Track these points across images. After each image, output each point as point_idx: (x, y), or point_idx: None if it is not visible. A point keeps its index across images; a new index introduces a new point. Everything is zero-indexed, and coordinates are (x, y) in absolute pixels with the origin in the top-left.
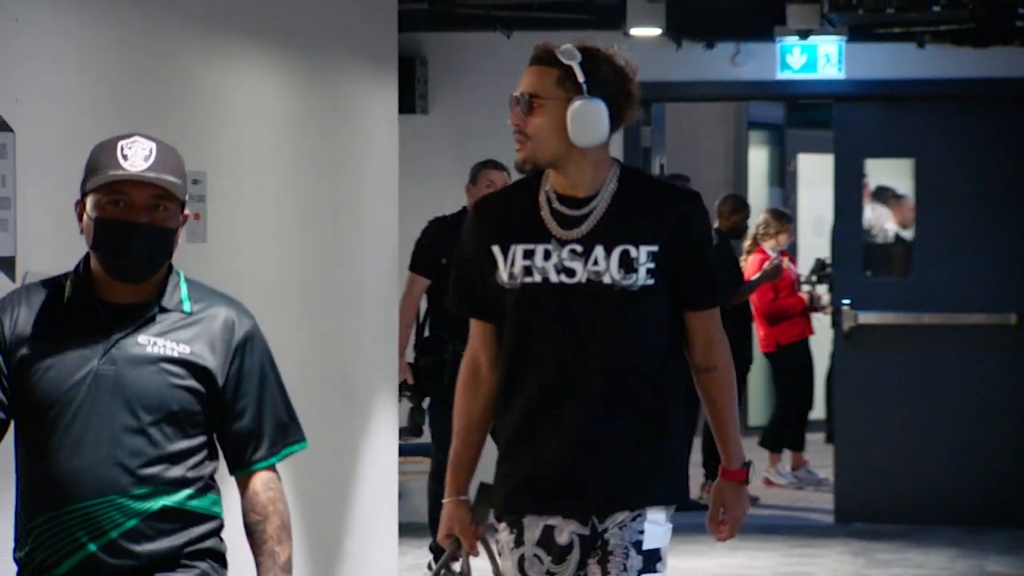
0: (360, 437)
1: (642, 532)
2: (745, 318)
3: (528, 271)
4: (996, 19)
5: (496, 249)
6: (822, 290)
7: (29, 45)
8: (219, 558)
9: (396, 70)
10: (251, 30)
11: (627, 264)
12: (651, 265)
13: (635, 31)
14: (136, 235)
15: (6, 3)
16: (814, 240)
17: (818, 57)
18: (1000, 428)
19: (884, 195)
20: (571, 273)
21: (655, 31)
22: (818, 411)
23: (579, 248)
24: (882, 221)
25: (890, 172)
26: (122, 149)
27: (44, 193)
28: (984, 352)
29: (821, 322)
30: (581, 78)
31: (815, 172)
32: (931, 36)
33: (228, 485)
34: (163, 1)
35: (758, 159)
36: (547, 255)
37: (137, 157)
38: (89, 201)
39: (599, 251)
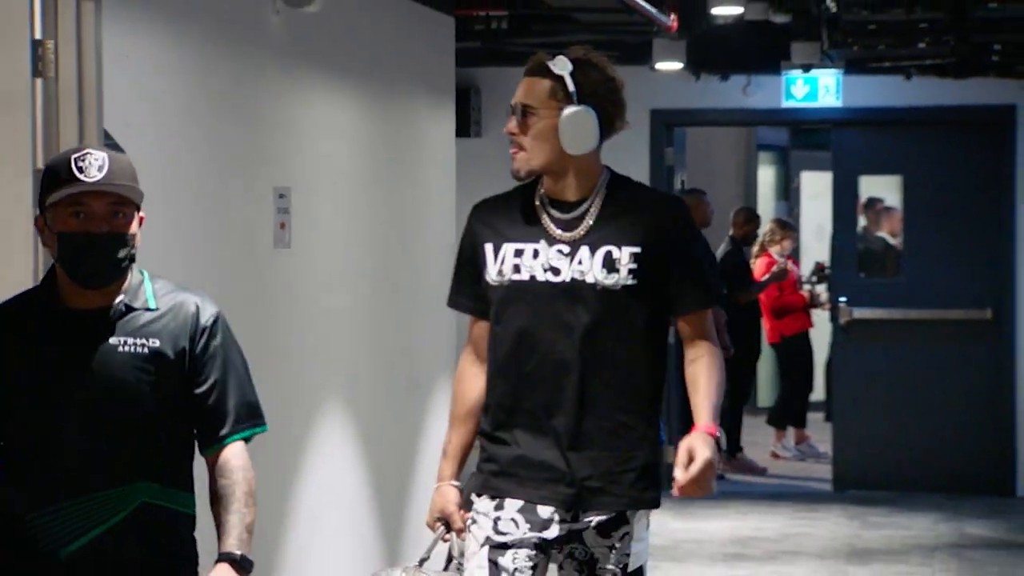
0: (422, 415)
1: (628, 555)
2: (755, 314)
3: (517, 269)
4: (974, 54)
5: (488, 247)
6: (821, 289)
7: (137, 77)
8: (193, 568)
9: (454, 99)
10: (330, 65)
11: (609, 264)
12: (633, 266)
13: (659, 65)
14: (99, 244)
15: (117, 42)
16: (815, 245)
17: (819, 88)
18: (977, 408)
19: (874, 205)
20: (556, 272)
21: (677, 65)
22: (818, 393)
23: (566, 248)
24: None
25: (881, 187)
26: (75, 162)
27: (149, 206)
28: (963, 343)
29: (821, 317)
30: (571, 88)
31: (816, 187)
32: (917, 69)
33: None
34: (254, 39)
35: (766, 176)
36: (536, 254)
37: (91, 168)
38: (50, 216)
39: (584, 251)
